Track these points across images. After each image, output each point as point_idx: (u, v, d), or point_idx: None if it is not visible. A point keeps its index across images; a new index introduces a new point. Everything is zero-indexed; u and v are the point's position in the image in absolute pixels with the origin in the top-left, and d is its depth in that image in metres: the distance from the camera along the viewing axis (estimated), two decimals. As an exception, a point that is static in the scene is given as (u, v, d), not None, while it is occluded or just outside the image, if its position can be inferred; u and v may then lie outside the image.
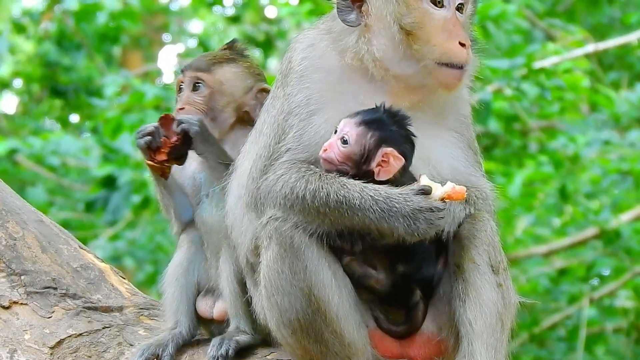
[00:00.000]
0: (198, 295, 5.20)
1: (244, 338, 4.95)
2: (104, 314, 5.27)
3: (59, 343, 5.13)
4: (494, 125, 12.35)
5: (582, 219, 13.42)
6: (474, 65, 4.70)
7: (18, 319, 5.21)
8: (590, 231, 13.33)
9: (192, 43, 19.95)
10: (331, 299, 4.45)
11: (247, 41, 5.49)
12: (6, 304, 5.23)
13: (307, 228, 4.45)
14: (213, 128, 5.18)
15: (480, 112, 10.28)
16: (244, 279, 4.90)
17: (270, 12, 18.64)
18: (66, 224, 11.46)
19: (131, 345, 5.10)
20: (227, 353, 4.86)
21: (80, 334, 5.16)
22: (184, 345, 5.08)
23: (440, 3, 4.63)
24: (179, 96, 5.30)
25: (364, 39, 4.64)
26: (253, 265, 4.70)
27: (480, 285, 4.54)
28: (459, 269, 4.56)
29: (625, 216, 13.15)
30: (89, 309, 5.27)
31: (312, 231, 4.45)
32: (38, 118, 18.88)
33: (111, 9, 15.82)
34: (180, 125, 5.07)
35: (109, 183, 12.23)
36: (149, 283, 14.48)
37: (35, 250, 5.39)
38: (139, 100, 11.98)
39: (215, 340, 4.93)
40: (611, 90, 12.83)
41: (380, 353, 4.58)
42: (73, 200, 16.28)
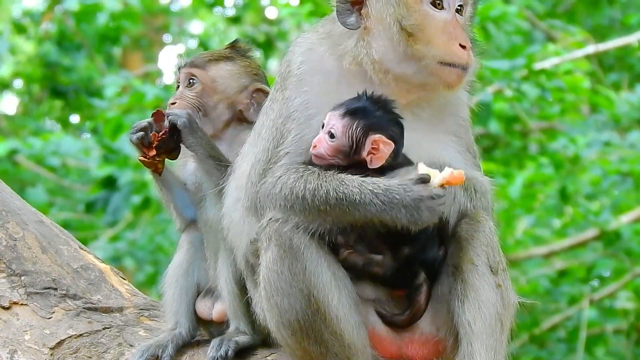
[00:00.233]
0: (198, 297, 5.21)
1: (243, 339, 4.95)
2: (104, 314, 5.27)
3: (59, 344, 5.13)
4: (495, 127, 12.36)
5: (583, 220, 13.42)
6: (475, 67, 4.70)
7: (18, 319, 5.20)
8: (591, 232, 13.33)
9: (193, 44, 19.93)
10: (331, 300, 4.44)
11: (248, 42, 5.47)
12: (6, 304, 5.23)
13: (308, 228, 4.45)
14: (206, 124, 5.18)
15: (481, 114, 10.29)
16: (242, 280, 4.90)
17: (271, 13, 18.67)
18: (66, 225, 11.47)
19: (131, 345, 5.10)
20: (227, 354, 4.86)
21: (80, 335, 5.16)
22: (184, 346, 5.08)
23: (440, 5, 4.63)
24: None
25: (362, 42, 4.64)
26: (253, 266, 4.70)
27: (479, 286, 4.53)
28: (458, 270, 4.56)
29: (626, 217, 13.15)
30: (89, 309, 5.27)
31: (313, 231, 4.44)
32: (38, 118, 18.87)
33: (111, 10, 15.82)
34: (168, 117, 5.08)
35: (109, 184, 12.24)
36: (149, 284, 14.48)
37: (36, 251, 5.39)
38: (139, 100, 11.99)
39: (214, 341, 4.93)
40: (611, 91, 12.83)
41: (379, 354, 4.57)
42: (73, 201, 16.27)
